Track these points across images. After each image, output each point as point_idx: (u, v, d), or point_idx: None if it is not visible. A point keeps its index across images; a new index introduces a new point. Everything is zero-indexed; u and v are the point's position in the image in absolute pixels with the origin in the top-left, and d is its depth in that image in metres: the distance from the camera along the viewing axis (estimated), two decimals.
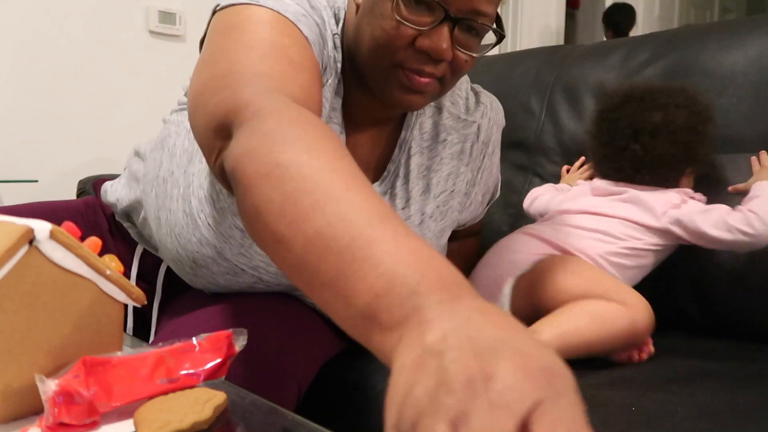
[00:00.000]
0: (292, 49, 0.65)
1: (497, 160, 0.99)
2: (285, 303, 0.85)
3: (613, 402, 0.73)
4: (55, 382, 0.44)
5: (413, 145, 0.87)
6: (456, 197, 0.91)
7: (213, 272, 0.80)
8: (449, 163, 0.89)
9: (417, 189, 0.87)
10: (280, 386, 0.77)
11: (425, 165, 0.87)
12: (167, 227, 0.81)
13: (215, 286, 0.83)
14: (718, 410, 0.72)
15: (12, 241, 0.44)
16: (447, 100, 0.90)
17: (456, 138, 0.90)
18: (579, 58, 1.35)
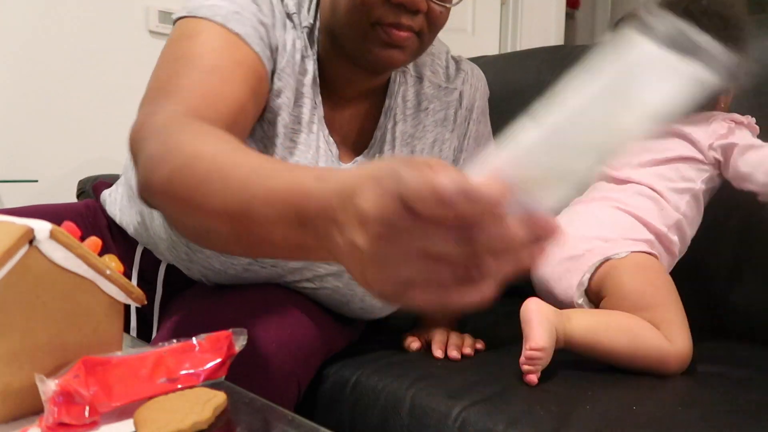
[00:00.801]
0: (208, 58, 0.69)
1: (487, 130, 1.00)
2: (284, 300, 0.85)
3: (613, 402, 0.73)
4: (55, 382, 0.44)
5: (398, 113, 0.88)
6: None
7: (207, 255, 0.81)
8: (433, 130, 0.91)
9: (402, 151, 0.88)
10: (280, 385, 0.77)
11: (409, 133, 0.89)
12: (159, 217, 0.83)
13: (212, 272, 0.84)
14: (719, 410, 0.72)
15: (12, 241, 0.44)
16: (427, 69, 0.91)
17: (438, 105, 0.91)
18: (579, 58, 1.34)
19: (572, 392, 0.75)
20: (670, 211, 0.95)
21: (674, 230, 0.96)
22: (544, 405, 0.72)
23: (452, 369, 0.83)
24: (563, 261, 0.92)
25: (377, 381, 0.83)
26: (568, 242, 0.93)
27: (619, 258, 0.89)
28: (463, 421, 0.71)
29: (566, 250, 0.93)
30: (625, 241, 0.91)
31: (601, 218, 0.95)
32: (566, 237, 0.93)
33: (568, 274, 0.91)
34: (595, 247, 0.91)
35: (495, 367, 0.83)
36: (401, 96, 0.89)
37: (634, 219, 0.94)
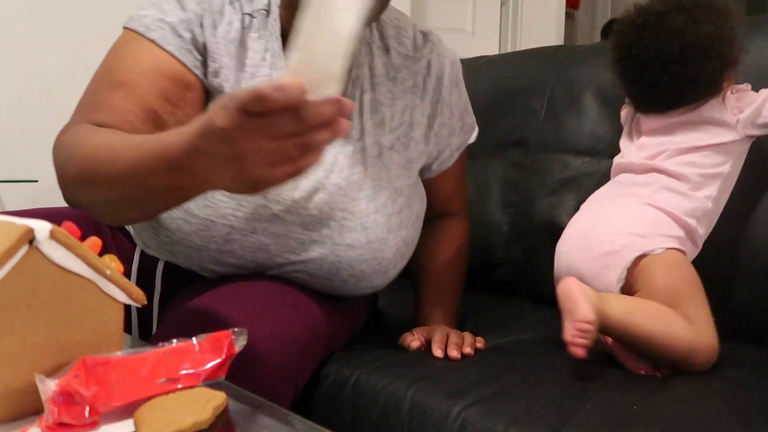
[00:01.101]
0: (117, 73, 0.80)
1: (462, 100, 1.00)
2: (281, 298, 0.85)
3: (614, 402, 0.73)
4: (55, 382, 0.44)
5: (365, 82, 0.90)
6: (416, 129, 0.92)
7: (186, 232, 0.83)
8: (403, 98, 0.92)
9: (371, 123, 0.89)
10: (277, 383, 0.77)
11: (378, 100, 0.91)
12: (152, 232, 0.87)
13: (194, 249, 0.85)
14: (719, 410, 0.72)
15: (12, 241, 0.44)
16: (393, 41, 0.93)
17: (407, 74, 0.93)
18: (579, 58, 1.35)
19: (572, 392, 0.75)
20: (699, 202, 0.95)
21: (703, 222, 0.96)
22: (544, 405, 0.72)
23: (452, 368, 0.83)
24: (600, 257, 0.92)
25: (377, 380, 0.83)
26: (602, 238, 0.93)
27: (655, 254, 0.90)
28: (463, 421, 0.71)
29: (602, 246, 0.93)
30: (660, 237, 0.92)
31: (633, 213, 0.95)
32: (599, 233, 0.94)
33: (607, 270, 0.91)
34: (632, 243, 0.91)
35: (495, 367, 0.83)
36: (368, 66, 0.91)
37: (664, 215, 0.94)
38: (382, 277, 0.92)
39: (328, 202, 0.84)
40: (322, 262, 0.86)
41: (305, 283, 0.89)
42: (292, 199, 0.82)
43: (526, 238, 1.27)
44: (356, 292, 0.93)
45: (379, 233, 0.87)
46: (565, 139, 1.29)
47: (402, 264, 0.94)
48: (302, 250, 0.85)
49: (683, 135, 0.98)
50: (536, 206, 1.27)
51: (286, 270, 0.88)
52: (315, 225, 0.84)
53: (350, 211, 0.85)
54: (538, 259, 1.25)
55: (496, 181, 1.35)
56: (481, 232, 1.33)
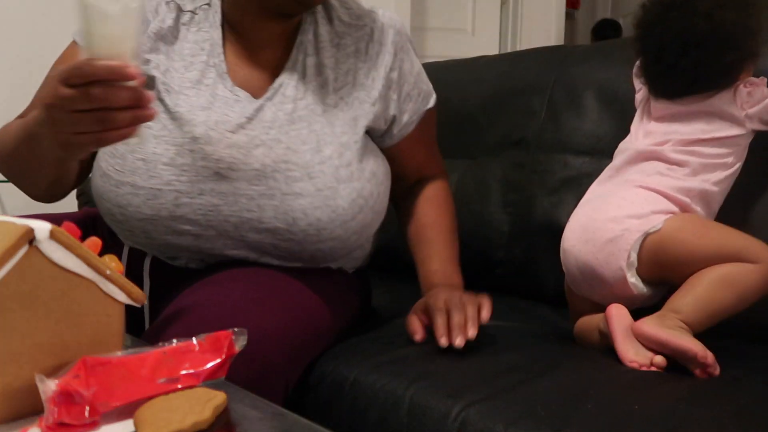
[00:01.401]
0: (53, 71, 0.93)
1: (413, 69, 1.03)
2: (268, 292, 0.85)
3: (615, 401, 0.73)
4: (55, 382, 0.44)
5: (308, 47, 0.95)
6: (360, 90, 0.96)
7: (137, 205, 0.87)
8: (346, 61, 0.96)
9: (314, 84, 0.93)
10: (265, 378, 0.77)
11: (322, 63, 0.95)
12: (97, 196, 0.92)
13: (148, 222, 0.87)
14: (721, 410, 0.72)
15: (12, 241, 0.44)
16: (336, 11, 0.99)
17: (350, 41, 0.97)
18: (579, 58, 1.35)
19: (573, 392, 0.75)
20: (695, 183, 0.95)
21: (699, 202, 0.96)
22: (544, 405, 0.72)
23: (452, 367, 0.83)
24: (604, 245, 0.93)
25: (376, 380, 0.83)
26: (601, 227, 0.95)
27: (656, 230, 0.91)
28: (463, 421, 0.71)
29: (604, 234, 0.94)
30: (656, 214, 0.93)
31: (627, 198, 0.96)
32: (597, 222, 0.96)
33: (613, 257, 0.93)
34: (630, 226, 0.92)
35: (495, 367, 0.83)
36: (312, 33, 0.96)
37: (656, 194, 0.95)
38: (343, 228, 0.91)
39: (269, 155, 0.87)
40: (275, 214, 0.87)
41: (272, 249, 0.90)
42: (232, 156, 0.86)
43: (526, 238, 1.27)
44: (324, 248, 0.92)
45: (327, 182, 0.88)
46: (565, 139, 1.29)
47: (363, 217, 0.93)
48: (253, 206, 0.87)
49: (690, 125, 0.98)
50: (536, 206, 1.27)
51: (246, 233, 0.88)
52: (260, 179, 0.87)
53: (294, 163, 0.87)
54: (538, 259, 1.25)
55: (496, 181, 1.35)
56: (481, 232, 1.33)
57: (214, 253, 0.91)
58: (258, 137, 0.88)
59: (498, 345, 0.93)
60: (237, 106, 0.90)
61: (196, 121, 0.87)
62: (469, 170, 1.41)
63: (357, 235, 0.94)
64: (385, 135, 1.02)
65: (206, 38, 0.93)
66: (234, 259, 0.91)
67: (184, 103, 0.89)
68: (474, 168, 1.40)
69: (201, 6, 0.95)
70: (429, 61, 1.74)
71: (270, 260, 0.92)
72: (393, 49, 0.99)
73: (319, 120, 0.91)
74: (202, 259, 0.94)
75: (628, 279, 0.92)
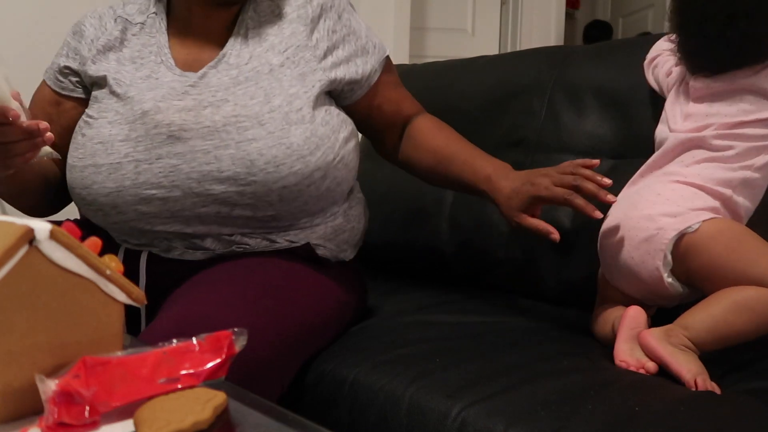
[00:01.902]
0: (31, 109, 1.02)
1: (360, 25, 1.08)
2: (263, 290, 0.86)
3: (615, 402, 0.73)
4: (55, 382, 0.44)
5: (249, 22, 1.02)
6: (306, 50, 1.01)
7: (100, 181, 0.92)
8: (289, 26, 1.02)
9: (258, 50, 0.99)
10: (257, 375, 0.77)
11: (265, 32, 1.01)
12: (70, 190, 0.98)
13: (115, 195, 0.92)
14: (721, 412, 0.72)
15: (12, 241, 0.44)
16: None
17: (290, 9, 1.03)
18: (579, 58, 1.35)
19: (573, 392, 0.75)
20: (736, 171, 0.92)
21: (742, 191, 0.93)
22: (544, 405, 0.72)
23: (451, 367, 0.83)
24: (640, 244, 0.92)
25: (375, 380, 0.83)
26: (636, 225, 0.93)
27: (693, 231, 0.89)
28: (463, 421, 0.71)
29: (638, 233, 0.92)
30: (692, 212, 0.90)
31: (663, 194, 0.93)
32: (632, 220, 0.93)
33: (649, 256, 0.91)
34: (665, 224, 0.90)
35: (495, 367, 0.83)
36: (252, 9, 1.03)
37: (694, 188, 0.92)
38: (302, 162, 0.92)
39: (218, 113, 0.92)
40: (233, 161, 0.90)
41: (240, 197, 0.91)
42: (182, 119, 0.92)
43: (526, 238, 1.27)
44: (289, 185, 0.92)
45: (278, 125, 0.92)
46: (565, 139, 1.29)
47: (323, 156, 0.94)
48: (211, 158, 0.90)
49: (733, 104, 0.94)
50: None
51: (210, 186, 0.90)
52: (213, 134, 0.91)
53: (244, 116, 0.92)
54: (538, 259, 1.25)
55: None
56: (481, 232, 1.33)
57: (185, 214, 0.92)
58: (205, 99, 0.93)
59: (498, 345, 0.93)
60: (182, 79, 0.96)
61: (145, 98, 0.94)
62: None
63: (321, 174, 0.94)
64: (354, 89, 1.06)
65: (153, 42, 1.02)
66: (206, 215, 0.93)
67: (134, 90, 0.96)
68: None
69: (149, 15, 1.05)
70: (429, 61, 1.74)
71: (242, 211, 0.93)
72: (333, 13, 1.04)
73: (266, 78, 0.96)
74: (189, 240, 0.95)
75: (665, 279, 0.90)
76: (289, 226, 0.97)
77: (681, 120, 1.00)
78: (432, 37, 3.15)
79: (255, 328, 0.78)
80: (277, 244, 0.97)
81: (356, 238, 1.10)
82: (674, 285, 0.91)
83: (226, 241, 0.96)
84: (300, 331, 0.87)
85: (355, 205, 1.09)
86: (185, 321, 0.78)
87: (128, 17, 1.06)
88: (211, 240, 0.96)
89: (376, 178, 1.55)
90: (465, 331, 0.99)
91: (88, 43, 1.04)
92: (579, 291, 1.19)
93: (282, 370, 0.82)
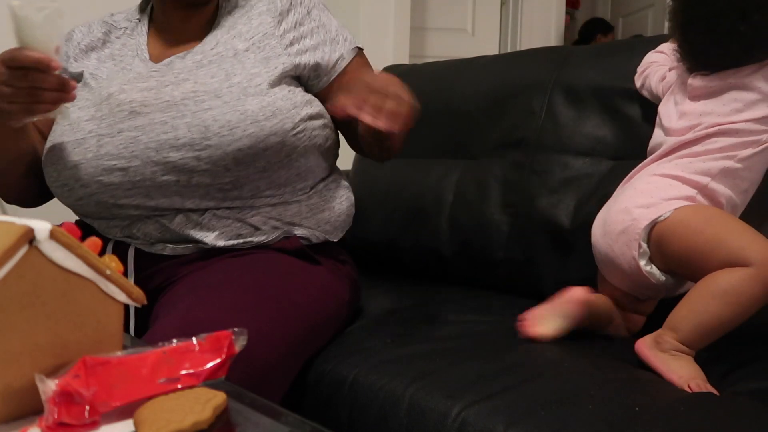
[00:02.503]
0: None
1: (331, 21, 1.11)
2: (262, 293, 0.86)
3: (615, 402, 0.73)
4: (55, 382, 0.44)
5: (222, 17, 1.08)
6: (272, 38, 1.05)
7: (65, 156, 0.97)
8: (258, 18, 1.06)
9: (227, 36, 1.04)
10: (261, 376, 0.77)
11: (235, 22, 1.06)
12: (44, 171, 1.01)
13: (78, 168, 0.96)
14: (720, 411, 0.72)
15: (12, 241, 0.44)
16: None
17: (262, 4, 1.08)
18: (579, 58, 1.35)
19: (573, 392, 0.75)
20: (717, 161, 0.93)
21: (720, 179, 0.93)
22: (544, 405, 0.72)
23: (451, 367, 0.83)
24: (618, 237, 0.95)
25: (375, 379, 0.83)
26: (615, 218, 0.96)
27: (664, 219, 0.90)
28: (463, 421, 0.71)
29: (616, 226, 0.95)
30: (665, 201, 0.92)
31: (639, 188, 0.96)
32: (612, 214, 0.97)
33: (627, 247, 0.93)
34: (638, 216, 0.93)
35: (495, 366, 0.83)
36: (227, 10, 1.09)
37: (670, 179, 0.94)
38: (256, 126, 0.93)
39: (178, 89, 0.96)
40: (188, 128, 0.93)
41: (197, 163, 0.92)
42: (143, 96, 0.96)
43: (526, 238, 1.27)
44: (244, 148, 0.93)
45: (235, 96, 0.95)
46: (565, 139, 1.29)
47: (279, 124, 0.95)
48: (168, 128, 0.93)
49: (725, 104, 0.94)
50: (536, 206, 1.27)
51: (168, 154, 0.92)
52: (171, 108, 0.95)
53: (203, 92, 0.96)
54: (538, 259, 1.25)
55: (496, 181, 1.35)
56: (481, 232, 1.33)
57: (146, 185, 0.94)
58: (167, 80, 0.98)
59: (497, 345, 0.93)
60: (150, 66, 1.02)
61: (112, 83, 1.00)
62: (469, 170, 1.41)
63: (277, 139, 0.95)
64: (320, 76, 1.08)
65: (133, 42, 1.08)
66: (166, 185, 0.94)
67: (105, 77, 1.03)
68: (474, 168, 1.40)
69: (133, 21, 1.12)
70: (429, 61, 1.74)
71: (201, 178, 0.94)
72: (304, 8, 1.09)
73: (230, 60, 1.00)
74: (157, 219, 0.96)
75: (642, 268, 0.92)
76: (252, 197, 0.97)
77: (676, 118, 1.00)
78: (432, 37, 3.15)
79: (261, 333, 0.78)
80: (258, 231, 0.98)
81: (339, 219, 1.09)
82: (653, 273, 0.93)
83: (195, 222, 0.96)
84: (302, 332, 0.87)
85: (334, 188, 1.09)
86: (190, 325, 0.77)
87: (114, 23, 1.13)
88: (180, 219, 0.96)
89: (376, 178, 1.55)
90: (465, 331, 0.99)
91: (74, 45, 1.11)
92: None
93: (285, 372, 0.83)
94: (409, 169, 1.52)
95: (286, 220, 1.00)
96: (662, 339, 0.85)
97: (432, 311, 1.12)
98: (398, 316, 1.10)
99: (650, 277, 0.93)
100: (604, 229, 0.98)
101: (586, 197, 1.20)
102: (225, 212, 0.97)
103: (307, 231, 1.02)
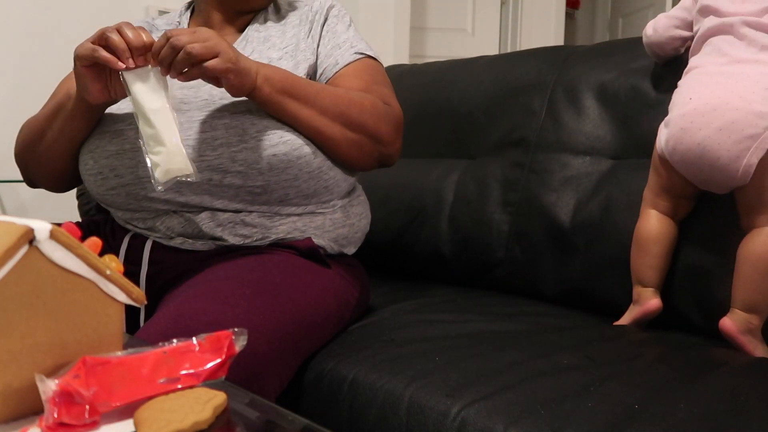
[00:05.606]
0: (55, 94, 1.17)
1: (347, 29, 1.16)
2: (261, 287, 0.86)
3: (615, 400, 0.73)
4: (55, 382, 0.44)
5: (258, 26, 1.14)
6: (302, 44, 1.12)
7: (104, 145, 0.98)
8: (291, 31, 1.14)
9: (262, 47, 1.10)
10: (255, 373, 0.77)
11: (270, 34, 1.13)
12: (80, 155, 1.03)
13: (114, 157, 0.97)
14: (720, 409, 0.72)
15: (12, 241, 0.44)
16: (285, 6, 1.20)
17: (293, 17, 1.16)
18: (580, 58, 1.35)
19: (573, 391, 0.75)
20: None
21: None
22: (544, 404, 0.72)
23: (451, 366, 0.83)
24: (744, 140, 0.87)
25: (375, 379, 0.83)
26: (743, 118, 0.88)
27: None
28: (463, 420, 0.71)
29: (744, 128, 0.88)
30: None
31: (762, 82, 0.89)
32: (738, 112, 0.89)
33: (749, 152, 0.88)
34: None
35: (495, 365, 0.83)
36: (262, 19, 1.16)
37: None
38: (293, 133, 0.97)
39: (216, 88, 0.97)
40: (226, 129, 0.95)
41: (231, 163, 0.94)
42: (183, 93, 1.00)
43: (526, 238, 1.27)
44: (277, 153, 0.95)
45: None
46: (565, 138, 1.29)
47: None
48: (207, 127, 0.95)
49: None
50: (536, 206, 1.27)
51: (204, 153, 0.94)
52: (209, 106, 0.98)
53: None
54: (538, 259, 1.25)
55: (496, 181, 1.35)
56: (481, 232, 1.33)
57: None
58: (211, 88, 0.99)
59: (497, 344, 0.93)
60: None
61: None
62: (469, 170, 1.41)
63: (311, 149, 0.99)
64: (324, 71, 1.12)
65: None
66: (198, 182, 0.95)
67: None
68: (474, 168, 1.40)
69: (173, 23, 1.19)
70: (429, 61, 1.74)
71: (233, 179, 0.95)
72: (327, 17, 1.16)
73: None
74: (183, 215, 0.97)
75: (749, 176, 0.89)
76: (279, 203, 0.99)
77: (741, 2, 0.96)
78: (432, 37, 3.15)
79: (252, 324, 0.79)
80: (279, 229, 0.99)
81: (356, 235, 1.12)
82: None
83: (219, 222, 0.97)
84: (299, 328, 0.87)
85: (357, 204, 1.11)
86: (182, 317, 0.78)
87: (155, 25, 1.20)
88: (205, 216, 0.97)
89: (376, 178, 1.55)
90: (465, 331, 0.99)
91: None
92: (579, 291, 1.19)
93: (281, 367, 0.83)
94: (409, 169, 1.52)
95: (308, 232, 1.02)
96: (753, 325, 0.87)
97: (432, 311, 1.12)
98: (398, 316, 1.10)
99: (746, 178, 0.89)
100: (722, 123, 0.89)
101: (586, 196, 1.21)
102: (251, 217, 0.98)
103: (324, 242, 1.04)
